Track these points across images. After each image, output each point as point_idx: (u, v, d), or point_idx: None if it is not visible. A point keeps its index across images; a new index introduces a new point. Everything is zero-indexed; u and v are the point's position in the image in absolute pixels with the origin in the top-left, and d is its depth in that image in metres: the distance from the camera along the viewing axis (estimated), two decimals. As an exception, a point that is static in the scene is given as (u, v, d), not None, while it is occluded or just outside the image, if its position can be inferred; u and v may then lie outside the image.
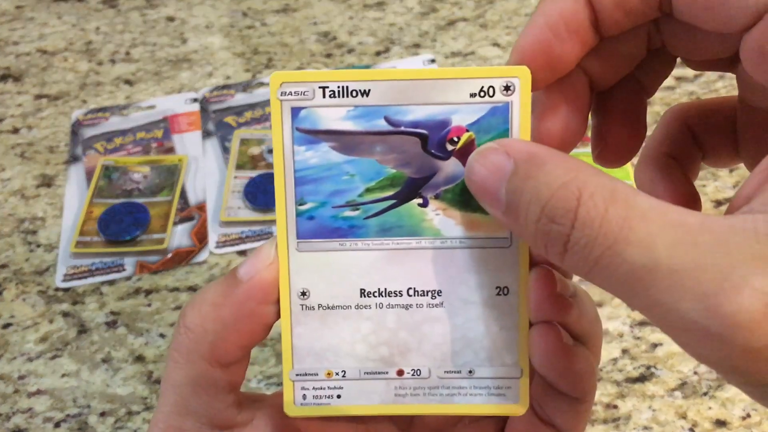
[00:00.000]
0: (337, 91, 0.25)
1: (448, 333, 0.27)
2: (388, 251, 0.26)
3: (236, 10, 0.80)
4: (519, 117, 0.26)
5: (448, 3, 0.79)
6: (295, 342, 0.27)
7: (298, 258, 0.26)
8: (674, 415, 0.45)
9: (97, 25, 0.79)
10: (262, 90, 0.69)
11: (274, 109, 0.26)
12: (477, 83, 0.25)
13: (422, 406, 0.27)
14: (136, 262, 0.56)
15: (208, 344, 0.26)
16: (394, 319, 0.27)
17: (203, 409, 0.26)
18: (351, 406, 0.27)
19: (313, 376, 0.27)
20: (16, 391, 0.49)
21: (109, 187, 0.61)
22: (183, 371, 0.26)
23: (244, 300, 0.26)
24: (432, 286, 0.26)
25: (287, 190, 0.26)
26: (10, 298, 0.54)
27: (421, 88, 0.25)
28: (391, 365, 0.27)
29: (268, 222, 0.58)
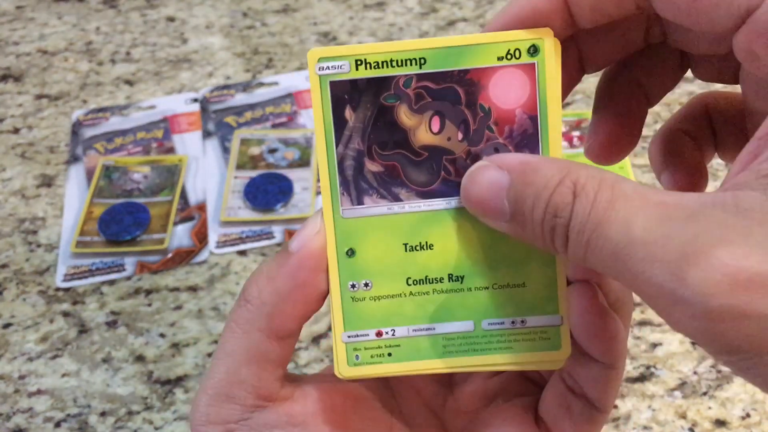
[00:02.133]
0: (372, 64, 0.27)
1: (491, 286, 0.28)
2: (429, 212, 0.28)
3: (236, 10, 0.80)
4: (546, 77, 0.27)
5: (448, 3, 0.79)
6: (345, 305, 0.28)
7: (343, 223, 0.28)
8: (674, 414, 0.45)
9: (98, 25, 0.79)
10: (262, 90, 0.69)
11: (314, 84, 0.27)
12: (503, 47, 0.27)
13: (470, 359, 0.28)
14: (137, 262, 0.56)
15: (265, 315, 0.27)
16: (438, 276, 0.28)
17: (253, 379, 0.27)
18: (402, 363, 0.28)
19: (364, 336, 0.28)
20: (17, 391, 0.49)
21: (110, 187, 0.61)
22: (239, 341, 0.27)
23: (296, 270, 0.27)
24: (473, 242, 0.28)
25: (329, 161, 0.27)
26: (10, 298, 0.54)
27: (450, 55, 0.27)
28: (438, 321, 0.28)
29: (268, 222, 0.58)
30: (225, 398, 0.27)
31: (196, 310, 0.53)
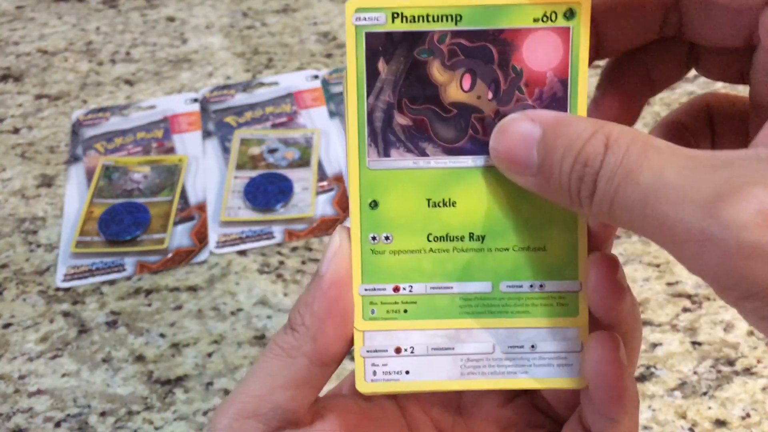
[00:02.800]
0: (408, 17, 0.27)
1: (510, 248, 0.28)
2: (454, 169, 0.28)
3: (236, 10, 0.80)
4: (580, 42, 0.27)
5: (448, 3, 0.79)
6: (365, 257, 0.28)
7: (368, 174, 0.28)
8: (674, 414, 0.45)
9: (98, 25, 0.79)
10: (262, 90, 0.69)
11: (349, 35, 0.27)
12: (540, 9, 0.27)
13: (487, 380, 0.28)
14: (137, 262, 0.56)
15: (310, 340, 0.27)
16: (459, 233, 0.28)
17: (286, 403, 0.27)
18: (419, 381, 0.28)
19: (383, 352, 0.28)
20: (17, 391, 0.49)
21: (110, 187, 0.61)
22: (282, 364, 0.27)
23: (327, 289, 0.27)
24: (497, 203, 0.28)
25: (359, 111, 0.27)
26: (10, 298, 0.54)
27: (487, 13, 0.27)
28: (457, 341, 0.28)
29: (268, 222, 0.58)
30: (252, 415, 0.27)
31: (196, 310, 0.53)
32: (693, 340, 0.49)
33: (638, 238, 0.55)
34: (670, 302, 0.51)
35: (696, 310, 0.51)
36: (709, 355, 0.48)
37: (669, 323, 0.50)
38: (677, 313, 0.50)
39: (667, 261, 0.53)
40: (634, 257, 0.54)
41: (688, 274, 0.53)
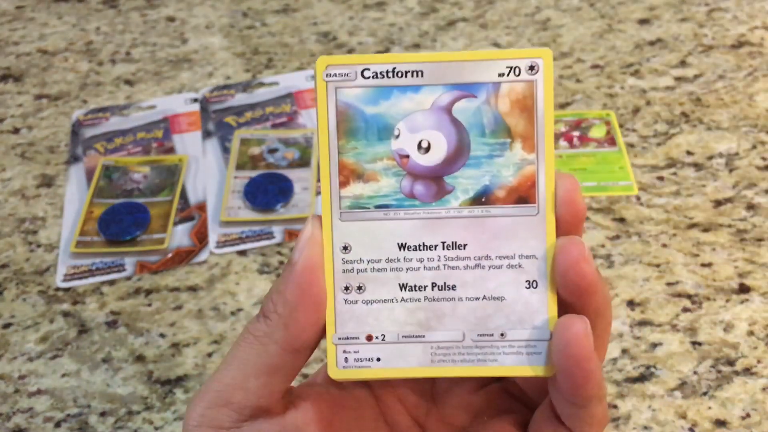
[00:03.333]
0: (377, 73, 0.28)
1: (481, 297, 0.28)
2: (423, 219, 0.28)
3: (236, 10, 0.80)
4: (543, 94, 0.28)
5: (448, 3, 0.79)
6: (338, 307, 0.28)
7: (341, 225, 0.28)
8: (674, 415, 0.45)
9: (98, 25, 0.79)
10: (262, 90, 0.69)
11: (320, 90, 0.28)
12: (504, 63, 0.28)
13: (457, 368, 0.28)
14: (137, 262, 0.56)
15: (281, 327, 0.27)
16: (429, 282, 0.28)
17: (259, 390, 0.28)
18: (390, 368, 0.29)
19: (354, 339, 0.29)
20: (17, 391, 0.49)
21: (110, 187, 0.61)
22: (254, 352, 0.28)
23: (299, 276, 0.27)
24: (464, 252, 0.28)
25: (331, 166, 0.28)
26: (10, 298, 0.54)
27: (454, 69, 0.28)
28: (427, 329, 0.28)
29: (268, 222, 0.58)
30: (224, 403, 0.28)
31: (196, 310, 0.53)
32: (693, 340, 0.49)
33: (638, 238, 0.55)
34: (670, 302, 0.51)
35: (696, 310, 0.50)
36: (709, 355, 0.48)
37: (669, 323, 0.50)
38: (677, 313, 0.50)
39: (667, 261, 0.53)
40: (634, 257, 0.54)
41: (688, 274, 0.53)
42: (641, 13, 0.77)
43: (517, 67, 0.28)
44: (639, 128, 0.64)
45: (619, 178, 0.59)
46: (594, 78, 0.69)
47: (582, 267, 0.27)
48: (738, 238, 0.55)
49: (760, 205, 0.57)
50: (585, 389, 0.26)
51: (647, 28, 0.75)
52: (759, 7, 0.77)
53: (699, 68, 0.70)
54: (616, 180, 0.59)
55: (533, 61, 0.28)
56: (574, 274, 0.27)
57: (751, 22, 0.75)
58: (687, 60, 0.71)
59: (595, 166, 0.60)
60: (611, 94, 0.67)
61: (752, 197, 0.58)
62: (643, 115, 0.65)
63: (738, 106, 0.66)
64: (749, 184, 0.59)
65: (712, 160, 0.61)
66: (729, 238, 0.55)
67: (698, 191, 0.58)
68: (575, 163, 0.61)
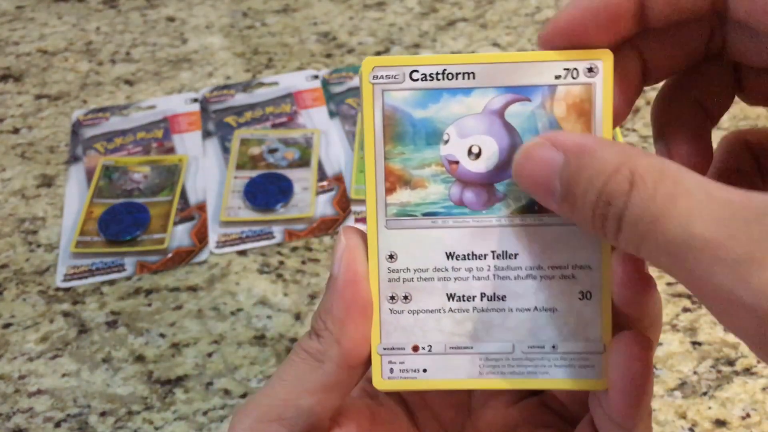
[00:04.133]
0: (424, 75, 0.27)
1: (532, 308, 0.27)
2: (472, 228, 0.27)
3: (236, 10, 0.80)
4: (602, 98, 0.26)
5: (448, 3, 0.79)
6: (383, 316, 0.28)
7: (386, 233, 0.28)
8: (674, 414, 0.45)
9: (98, 25, 0.79)
10: (262, 90, 0.69)
11: (366, 93, 0.27)
12: (561, 65, 0.26)
13: (506, 380, 0.28)
14: (137, 262, 0.56)
15: (335, 344, 0.27)
16: (478, 293, 0.27)
17: (313, 408, 0.27)
18: (437, 380, 0.28)
19: (400, 350, 0.28)
20: (17, 391, 0.49)
21: (110, 187, 0.61)
22: (309, 367, 0.27)
23: (343, 289, 0.27)
24: (515, 261, 0.27)
25: (377, 172, 0.27)
26: (10, 298, 0.54)
27: (507, 71, 0.27)
28: (476, 340, 0.28)
29: (268, 222, 0.58)
30: (276, 419, 0.27)
31: (196, 310, 0.53)
32: (693, 340, 0.49)
33: (638, 238, 0.55)
34: (670, 302, 0.51)
35: (696, 310, 0.51)
36: (709, 355, 0.48)
37: (669, 323, 0.50)
38: (677, 313, 0.50)
39: (667, 261, 0.53)
40: (634, 257, 0.54)
41: (688, 274, 0.53)
42: (641, 13, 0.77)
43: (575, 69, 0.26)
44: (639, 128, 0.64)
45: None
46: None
47: (642, 270, 0.26)
48: (738, 238, 0.55)
49: (760, 205, 0.57)
50: (637, 409, 0.26)
51: (647, 28, 0.75)
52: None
53: (699, 68, 0.70)
54: (616, 180, 0.59)
55: (592, 63, 0.26)
56: (633, 283, 0.26)
57: (751, 22, 0.75)
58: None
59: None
60: (611, 94, 0.67)
61: (752, 197, 0.58)
62: (643, 115, 0.65)
63: (738, 106, 0.66)
64: (749, 184, 0.59)
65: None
66: (729, 238, 0.55)
67: (698, 191, 0.58)
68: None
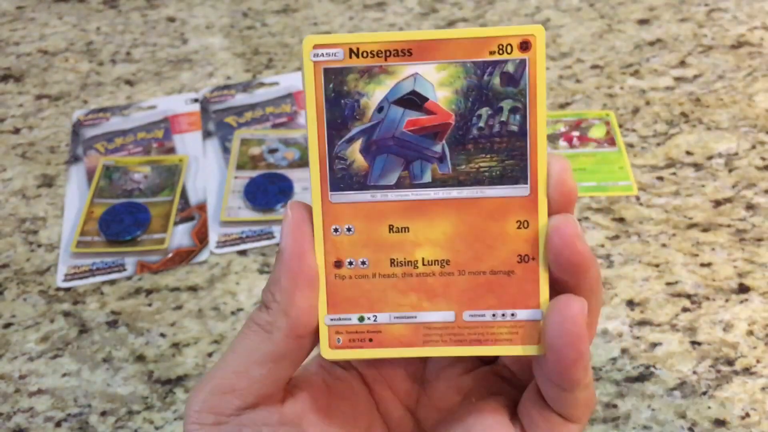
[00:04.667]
0: (366, 53, 0.28)
1: (473, 278, 0.28)
2: (415, 200, 0.28)
3: (236, 10, 0.80)
4: (536, 73, 0.27)
5: (448, 3, 0.79)
6: (329, 288, 0.29)
7: (331, 206, 0.29)
8: (673, 414, 0.45)
9: (98, 25, 0.79)
10: (262, 90, 0.70)
11: (307, 70, 0.28)
12: (495, 42, 0.27)
13: (449, 348, 0.29)
14: (137, 261, 0.56)
15: (282, 314, 0.28)
16: (421, 264, 0.28)
17: (263, 378, 0.28)
18: (382, 349, 0.29)
19: (346, 320, 0.29)
20: (17, 391, 0.49)
21: (110, 187, 0.61)
22: (258, 339, 0.28)
23: (288, 260, 0.28)
24: (457, 232, 0.28)
25: (320, 146, 0.28)
26: (11, 297, 0.54)
27: (443, 47, 0.27)
28: (419, 309, 0.29)
29: (269, 222, 0.58)
30: (228, 390, 0.28)
31: (197, 310, 0.53)
32: (692, 340, 0.49)
33: (638, 238, 0.55)
34: (669, 302, 0.51)
35: (695, 310, 0.51)
36: (708, 354, 0.48)
37: (668, 323, 0.50)
38: (677, 313, 0.50)
39: (667, 261, 0.54)
40: (634, 257, 0.54)
41: (688, 274, 0.53)
42: (641, 13, 0.77)
43: (509, 45, 0.27)
44: (638, 128, 0.64)
45: (619, 178, 0.59)
46: (594, 78, 0.69)
47: (576, 244, 0.27)
48: (737, 238, 0.55)
49: (759, 205, 0.57)
50: (573, 371, 0.26)
51: (647, 28, 0.75)
52: (758, 7, 0.77)
53: (698, 68, 0.70)
54: (615, 180, 0.59)
55: (525, 38, 0.27)
56: (568, 251, 0.27)
57: (751, 22, 0.75)
58: (686, 60, 0.71)
59: (595, 166, 0.61)
60: (611, 94, 0.68)
61: (752, 197, 0.58)
62: (643, 115, 0.65)
63: (737, 107, 0.66)
64: (748, 184, 0.59)
65: (711, 160, 0.61)
66: (728, 238, 0.55)
67: (698, 191, 0.59)
68: (575, 163, 0.61)
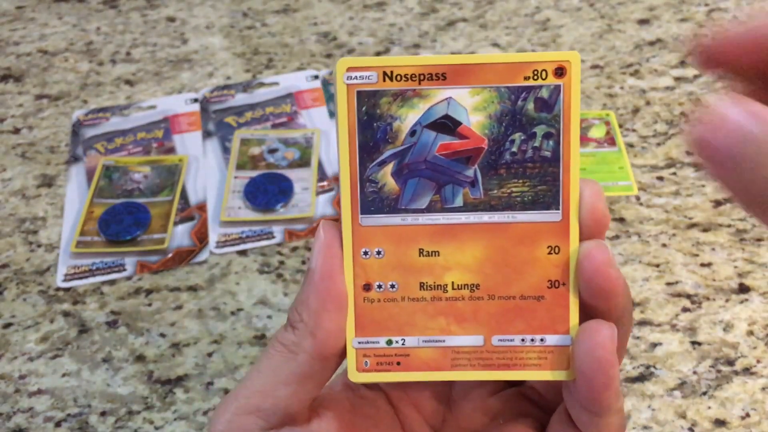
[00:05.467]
0: (399, 76, 0.27)
1: (503, 302, 0.28)
2: (446, 224, 0.28)
3: (236, 10, 0.80)
4: (570, 99, 0.27)
5: (448, 3, 0.79)
6: (358, 310, 0.28)
7: (361, 229, 0.28)
8: (674, 414, 0.45)
9: (98, 25, 0.79)
10: (262, 90, 0.70)
11: (341, 93, 0.28)
12: (530, 67, 0.27)
13: (478, 372, 0.29)
14: (137, 261, 0.56)
15: (309, 335, 0.27)
16: (450, 288, 0.28)
17: (288, 399, 0.28)
18: (410, 373, 0.29)
19: (374, 343, 0.29)
20: (17, 391, 0.49)
21: (110, 187, 0.61)
22: (284, 359, 0.28)
23: (318, 282, 0.28)
24: (488, 256, 0.28)
25: (351, 168, 0.28)
26: (10, 297, 0.54)
27: (478, 71, 0.27)
28: (448, 333, 0.29)
29: (268, 222, 0.58)
30: (253, 410, 0.28)
31: (197, 310, 0.53)
32: (692, 340, 0.49)
33: (638, 238, 0.55)
34: (669, 302, 0.51)
35: (695, 310, 0.51)
36: (708, 355, 0.48)
37: (669, 323, 0.50)
38: (677, 313, 0.50)
39: (667, 261, 0.53)
40: (634, 257, 0.54)
41: (688, 274, 0.53)
42: (641, 13, 0.77)
43: (544, 71, 0.27)
44: (639, 128, 0.64)
45: (619, 178, 0.59)
46: (594, 78, 0.69)
47: (607, 270, 0.27)
48: (737, 238, 0.55)
49: (759, 205, 0.57)
50: (604, 396, 0.26)
51: (647, 28, 0.75)
52: (759, 7, 0.77)
53: (699, 68, 0.70)
54: (615, 180, 0.59)
55: (560, 64, 0.27)
56: (599, 277, 0.27)
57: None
58: (687, 60, 0.71)
59: (595, 166, 0.61)
60: (611, 94, 0.68)
61: (752, 197, 0.58)
62: (643, 115, 0.65)
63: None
64: (749, 184, 0.59)
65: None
66: (728, 238, 0.55)
67: (698, 191, 0.58)
68: (575, 163, 0.61)
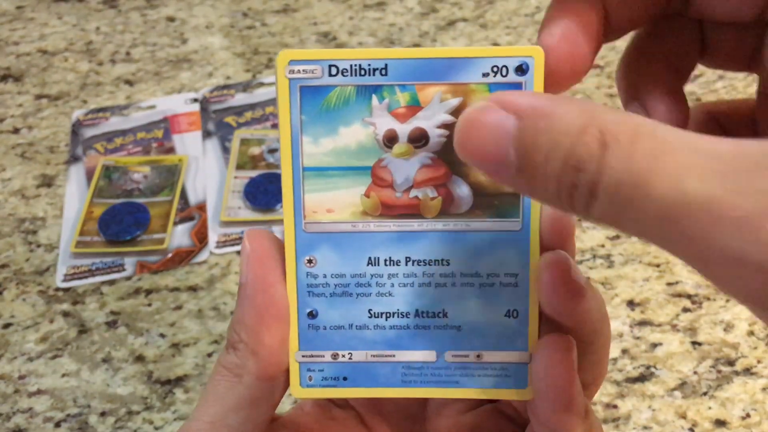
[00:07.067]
0: (348, 70, 0.25)
1: (456, 317, 0.26)
2: (396, 232, 0.26)
3: (236, 10, 0.80)
4: None
5: (448, 3, 0.79)
6: (301, 323, 0.27)
7: (305, 236, 0.26)
8: (674, 414, 0.45)
9: (98, 25, 0.79)
10: (262, 90, 0.69)
11: (281, 87, 0.25)
12: (489, 63, 0.25)
13: (429, 389, 0.27)
14: (137, 262, 0.56)
15: (250, 355, 0.26)
16: (401, 300, 0.26)
17: (241, 425, 0.26)
18: (358, 389, 0.27)
19: (319, 357, 0.27)
20: (17, 391, 0.49)
21: (110, 187, 0.61)
22: (229, 385, 0.26)
23: (253, 296, 0.26)
24: (439, 268, 0.26)
25: (294, 170, 0.26)
26: (10, 298, 0.54)
27: (434, 67, 0.25)
28: (398, 348, 0.27)
29: (269, 222, 0.58)
30: None
31: (196, 310, 0.53)
32: (693, 340, 0.49)
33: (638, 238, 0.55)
34: (670, 302, 0.51)
35: (696, 310, 0.51)
36: (709, 355, 0.48)
37: (669, 323, 0.50)
38: (677, 313, 0.50)
39: (667, 261, 0.53)
40: (634, 257, 0.54)
41: (688, 274, 0.53)
42: (641, 13, 0.77)
43: (504, 67, 0.25)
44: (639, 128, 0.64)
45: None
46: (594, 78, 0.69)
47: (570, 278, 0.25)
48: (738, 238, 0.55)
49: (760, 205, 0.57)
50: (564, 418, 0.25)
51: (647, 28, 0.75)
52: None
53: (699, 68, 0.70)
54: (616, 180, 0.59)
55: (522, 60, 0.25)
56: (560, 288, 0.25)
57: (751, 22, 0.75)
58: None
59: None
60: (611, 94, 0.67)
61: (752, 197, 0.58)
62: (643, 115, 0.65)
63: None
64: (749, 184, 0.59)
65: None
66: (729, 238, 0.55)
67: (698, 191, 0.58)
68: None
